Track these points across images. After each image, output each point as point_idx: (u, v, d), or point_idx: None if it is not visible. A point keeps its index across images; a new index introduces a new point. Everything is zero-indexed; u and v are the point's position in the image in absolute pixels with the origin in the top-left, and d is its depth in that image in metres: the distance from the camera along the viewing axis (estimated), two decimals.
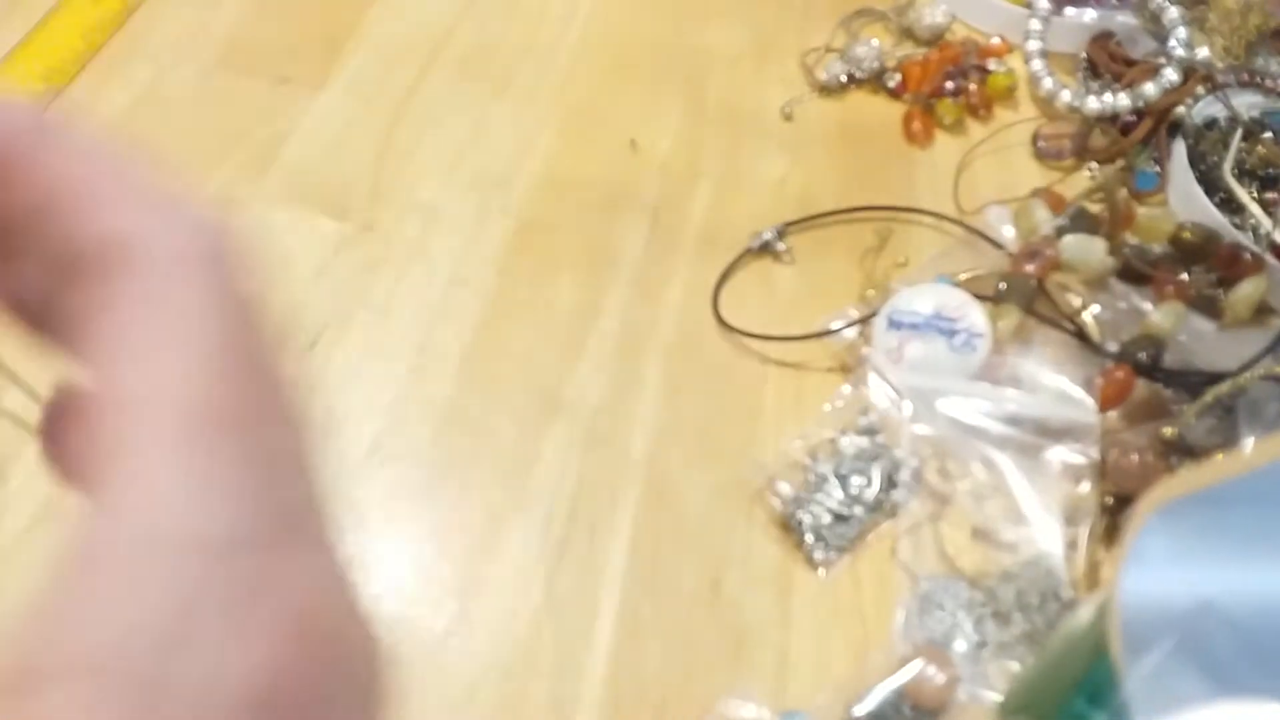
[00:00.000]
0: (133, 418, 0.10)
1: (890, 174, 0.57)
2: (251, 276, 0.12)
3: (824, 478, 0.42)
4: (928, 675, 0.36)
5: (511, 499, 0.42)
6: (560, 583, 0.39)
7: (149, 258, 0.11)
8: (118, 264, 0.11)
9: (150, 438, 0.10)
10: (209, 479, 0.10)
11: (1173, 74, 0.57)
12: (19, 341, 0.13)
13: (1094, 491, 0.41)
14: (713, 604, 0.39)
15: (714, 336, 0.48)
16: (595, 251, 0.51)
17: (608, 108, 0.59)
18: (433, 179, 0.54)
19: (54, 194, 0.11)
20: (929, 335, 0.44)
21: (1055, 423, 0.43)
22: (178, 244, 0.12)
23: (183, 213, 0.12)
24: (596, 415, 0.45)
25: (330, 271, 0.49)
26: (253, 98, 0.57)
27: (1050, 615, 0.39)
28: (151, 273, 0.11)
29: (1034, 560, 0.40)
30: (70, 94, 0.57)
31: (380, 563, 0.39)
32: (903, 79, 0.61)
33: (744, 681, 0.37)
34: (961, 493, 0.41)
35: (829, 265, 0.52)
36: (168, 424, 0.10)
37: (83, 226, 0.11)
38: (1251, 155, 0.53)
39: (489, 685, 0.37)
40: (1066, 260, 0.46)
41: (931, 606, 0.39)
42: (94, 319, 0.11)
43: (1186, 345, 0.46)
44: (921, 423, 0.43)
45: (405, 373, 0.46)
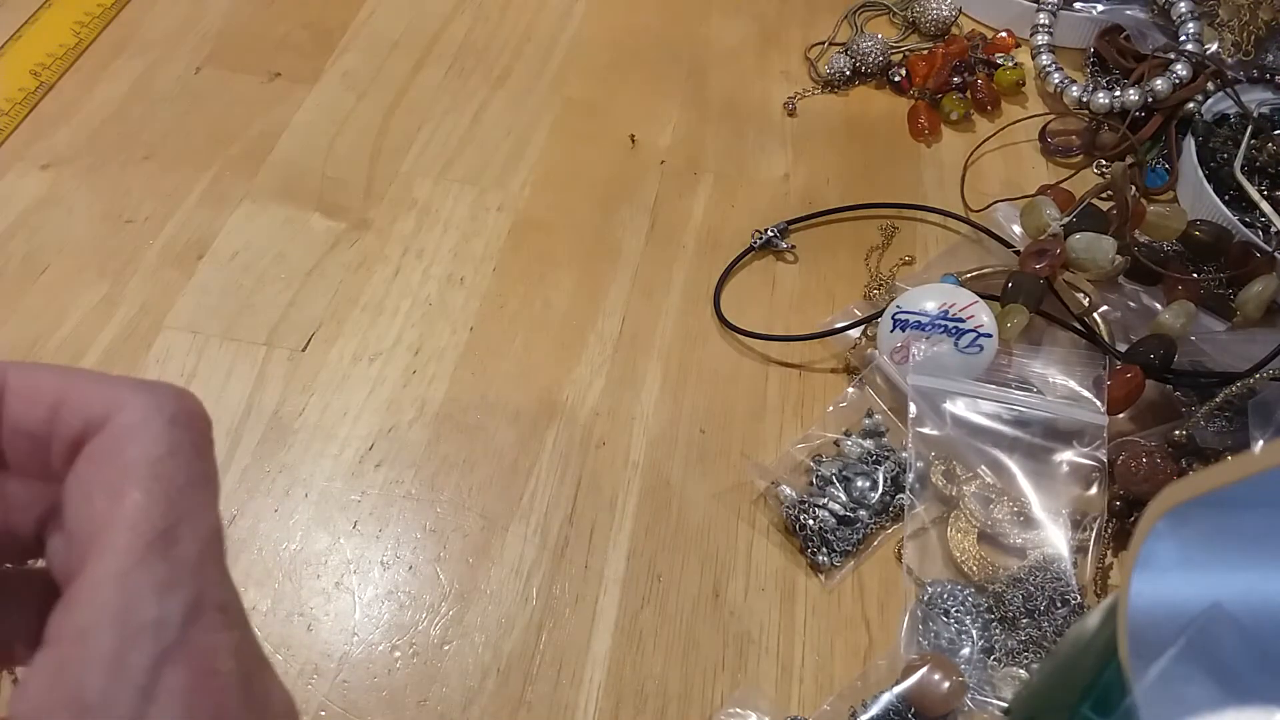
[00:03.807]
0: (101, 537, 0.15)
1: (895, 170, 0.56)
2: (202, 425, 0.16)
3: (827, 480, 0.41)
4: (933, 682, 0.35)
5: (509, 502, 0.41)
6: (559, 588, 0.39)
7: (120, 425, 0.15)
8: (99, 433, 0.15)
9: (113, 549, 0.14)
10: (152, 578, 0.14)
11: (1182, 69, 0.56)
12: None
13: (1103, 494, 0.41)
14: (714, 609, 0.38)
15: (715, 336, 0.47)
16: (594, 249, 0.50)
17: (606, 103, 0.58)
18: (427, 176, 0.53)
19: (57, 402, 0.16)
20: (935, 335, 0.43)
21: (1064, 424, 0.42)
22: (141, 413, 0.16)
23: (146, 390, 0.16)
24: (595, 417, 0.44)
25: (323, 270, 0.49)
26: (244, 93, 0.57)
27: (1058, 620, 0.38)
28: (120, 435, 0.15)
29: (1042, 564, 0.39)
30: (60, 89, 0.56)
31: (376, 567, 0.39)
32: (908, 73, 0.60)
33: (746, 688, 0.36)
34: (968, 496, 0.41)
35: (832, 264, 0.51)
36: (127, 542, 0.15)
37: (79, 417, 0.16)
38: (1262, 152, 0.52)
39: (486, 692, 0.36)
40: (1075, 259, 0.45)
41: (937, 612, 0.38)
42: (76, 472, 0.16)
43: (1196, 345, 0.45)
44: (927, 424, 0.42)
45: (401, 373, 0.45)
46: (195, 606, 0.15)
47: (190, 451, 0.16)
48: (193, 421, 0.16)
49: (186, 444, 0.16)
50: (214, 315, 0.46)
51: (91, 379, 0.16)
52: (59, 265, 0.48)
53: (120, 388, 0.16)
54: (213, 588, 0.15)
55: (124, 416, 0.15)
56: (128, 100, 0.56)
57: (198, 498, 0.16)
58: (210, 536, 0.15)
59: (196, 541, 0.15)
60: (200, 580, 0.15)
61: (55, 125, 0.54)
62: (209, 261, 0.48)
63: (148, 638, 0.14)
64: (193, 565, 0.15)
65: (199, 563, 0.15)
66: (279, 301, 0.47)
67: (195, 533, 0.15)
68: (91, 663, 0.14)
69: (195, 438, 0.16)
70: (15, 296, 0.46)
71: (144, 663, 0.14)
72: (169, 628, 0.14)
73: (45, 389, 0.16)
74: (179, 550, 0.15)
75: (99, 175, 0.52)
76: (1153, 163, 0.56)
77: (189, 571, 0.15)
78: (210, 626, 0.15)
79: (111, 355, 0.44)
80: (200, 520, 0.15)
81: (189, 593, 0.15)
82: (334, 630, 0.37)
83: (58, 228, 0.49)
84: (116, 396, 0.16)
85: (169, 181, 0.52)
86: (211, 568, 0.15)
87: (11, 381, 0.16)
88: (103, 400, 0.16)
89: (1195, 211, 0.52)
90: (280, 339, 0.46)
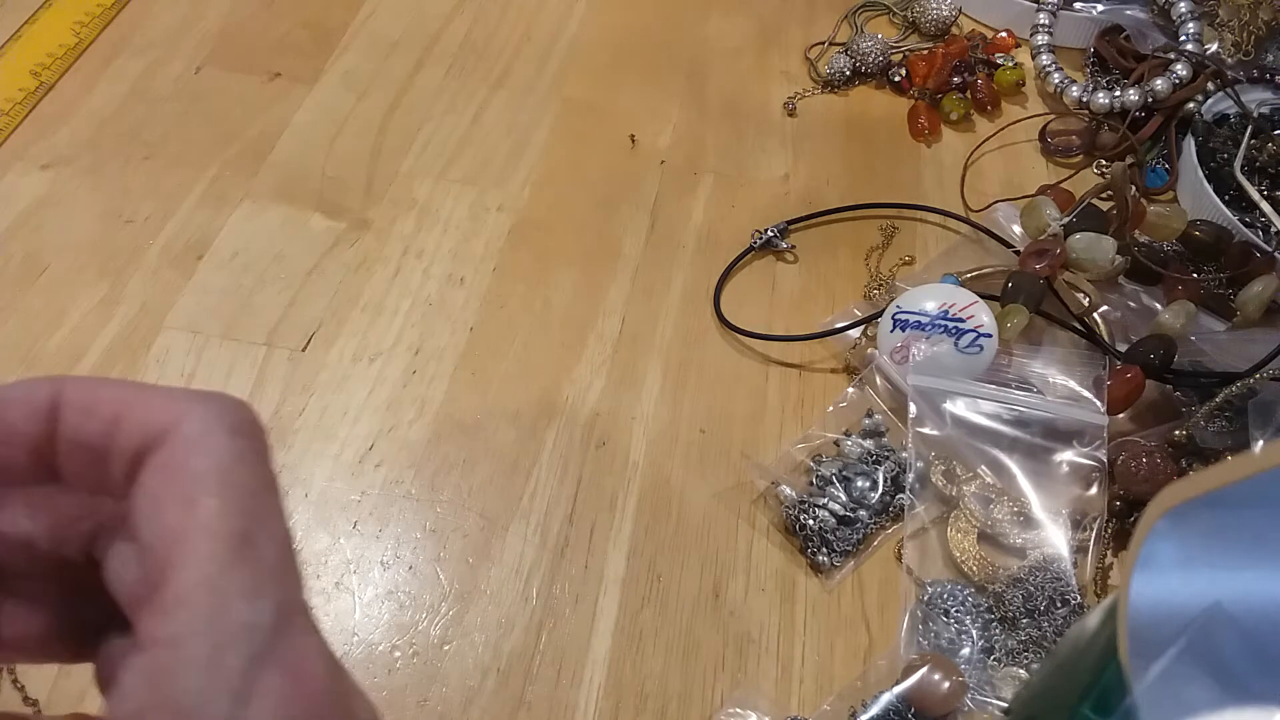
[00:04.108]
0: (181, 546, 0.15)
1: (895, 170, 0.56)
2: (261, 435, 0.16)
3: (827, 480, 0.41)
4: (933, 682, 0.35)
5: (509, 502, 0.41)
6: (559, 588, 0.39)
7: (187, 434, 0.16)
8: (166, 443, 0.16)
9: (196, 556, 0.15)
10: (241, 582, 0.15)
11: (1182, 69, 0.56)
12: None
13: (1103, 494, 0.41)
14: (714, 609, 0.38)
15: (715, 336, 0.47)
16: (594, 249, 0.50)
17: (606, 103, 0.58)
18: (427, 176, 0.53)
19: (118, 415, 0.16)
20: (935, 335, 0.43)
21: (1064, 424, 0.42)
22: (203, 424, 0.16)
23: (205, 401, 0.16)
24: (595, 417, 0.44)
25: (323, 270, 0.49)
26: (244, 93, 0.57)
27: (1058, 620, 0.38)
28: (186, 445, 0.16)
29: (1042, 564, 0.39)
30: (60, 89, 0.56)
31: (376, 567, 0.39)
32: (908, 73, 0.60)
33: (746, 688, 0.36)
34: (968, 496, 0.41)
35: (832, 264, 0.51)
36: (213, 547, 0.15)
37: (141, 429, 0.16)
38: (1262, 152, 0.52)
39: (486, 692, 0.36)
40: (1075, 259, 0.45)
41: (937, 612, 0.38)
42: (143, 484, 0.16)
43: (1196, 345, 0.45)
44: (927, 424, 0.42)
45: (401, 373, 0.45)
46: (283, 610, 0.15)
47: (255, 459, 0.16)
48: (253, 430, 0.16)
49: (250, 452, 0.16)
50: (214, 315, 0.46)
51: (150, 391, 0.16)
52: (59, 265, 0.48)
53: (179, 400, 0.16)
54: (296, 591, 0.16)
55: (186, 428, 0.16)
56: (128, 100, 0.56)
57: (269, 503, 0.16)
58: (285, 541, 0.16)
59: (274, 545, 0.15)
60: (284, 584, 0.15)
61: (55, 125, 0.54)
62: (209, 261, 0.48)
63: (241, 641, 0.14)
64: (275, 569, 0.15)
65: (280, 567, 0.15)
66: (279, 301, 0.47)
67: (272, 538, 0.15)
68: (187, 667, 0.14)
69: (257, 446, 0.16)
70: (15, 296, 0.46)
71: (239, 665, 0.14)
72: (261, 631, 0.14)
73: (104, 402, 0.16)
74: (260, 555, 0.15)
75: (99, 175, 0.52)
76: (1153, 163, 0.56)
77: (272, 576, 0.15)
78: (299, 629, 0.15)
79: (111, 355, 0.44)
80: (274, 525, 0.16)
81: (275, 597, 0.15)
82: (334, 630, 0.37)
83: (58, 228, 0.49)
84: (176, 408, 0.16)
85: (169, 181, 0.52)
86: (290, 573, 0.16)
87: (69, 394, 0.16)
88: (163, 413, 0.16)
89: (1195, 211, 0.52)
90: (280, 339, 0.46)
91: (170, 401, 0.16)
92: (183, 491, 0.15)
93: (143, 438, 0.16)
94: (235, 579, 0.15)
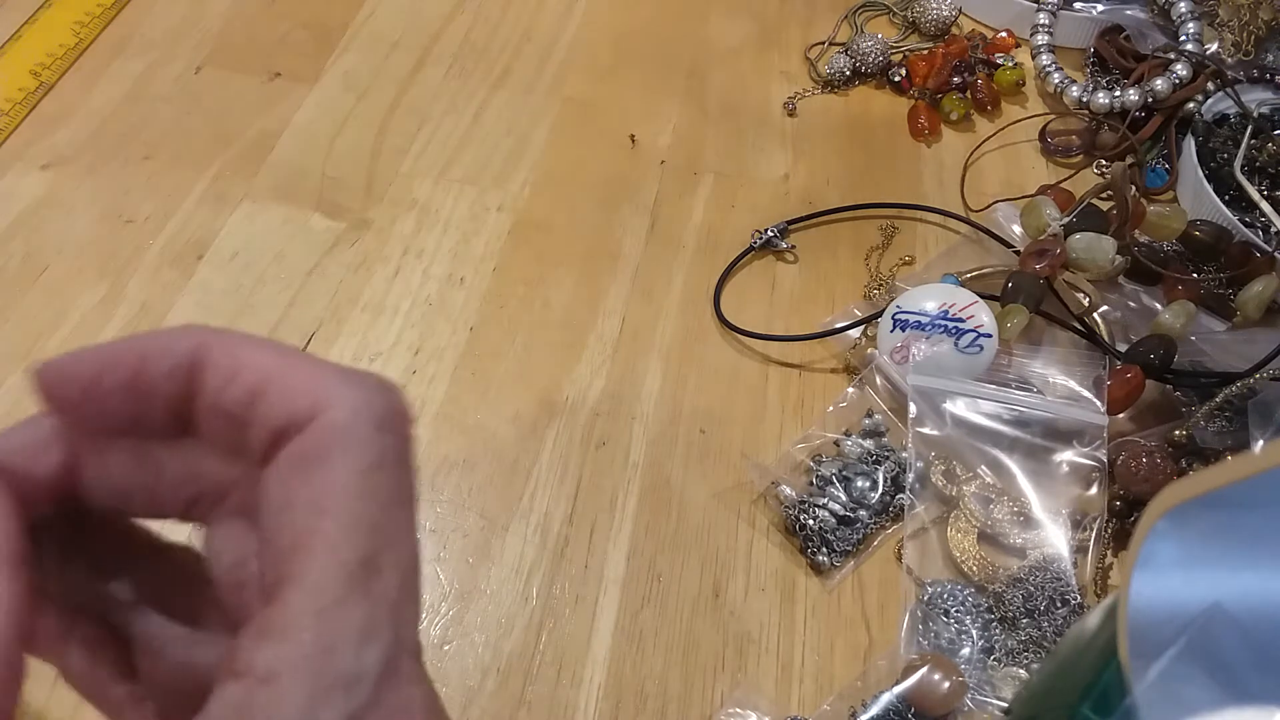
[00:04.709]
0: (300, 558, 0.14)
1: (895, 170, 0.56)
2: (408, 428, 0.15)
3: (827, 480, 0.41)
4: (933, 682, 0.35)
5: (509, 502, 0.41)
6: (559, 588, 0.39)
7: (335, 425, 0.14)
8: (311, 430, 0.14)
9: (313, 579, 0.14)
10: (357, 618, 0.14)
11: (1182, 69, 0.56)
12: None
13: (1103, 494, 0.41)
14: (714, 609, 0.38)
15: (715, 336, 0.47)
16: (594, 249, 0.50)
17: (606, 102, 0.58)
18: (427, 176, 0.53)
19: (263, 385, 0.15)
20: (935, 335, 0.43)
21: (1064, 424, 0.42)
22: (349, 413, 0.15)
23: (354, 385, 0.15)
24: (595, 417, 0.44)
25: (323, 270, 0.49)
26: (244, 93, 0.57)
27: (1058, 620, 0.38)
28: (329, 437, 0.14)
29: (1042, 564, 0.39)
30: (60, 89, 0.56)
31: None
32: (908, 73, 0.60)
33: (746, 688, 0.36)
34: (968, 496, 0.41)
35: (833, 264, 0.51)
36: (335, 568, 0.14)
37: (285, 405, 0.15)
38: (1262, 152, 0.52)
39: (486, 692, 0.36)
40: (1075, 259, 0.45)
41: (937, 612, 0.38)
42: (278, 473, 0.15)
43: (1196, 345, 0.45)
44: (927, 424, 0.42)
45: (401, 373, 0.45)
46: (392, 658, 0.14)
47: (396, 462, 0.15)
48: (400, 425, 0.15)
49: (393, 453, 0.15)
50: (214, 315, 0.46)
51: (299, 363, 0.15)
52: (59, 265, 0.48)
53: (328, 379, 0.15)
54: (409, 630, 0.15)
55: (332, 415, 0.14)
56: (128, 100, 0.56)
57: (401, 518, 0.15)
58: (411, 565, 0.15)
59: (398, 572, 0.14)
60: (398, 623, 0.14)
61: (55, 125, 0.54)
62: (209, 261, 0.48)
63: (340, 695, 0.13)
64: (392, 603, 0.14)
65: (399, 600, 0.14)
66: (279, 301, 0.47)
67: (398, 562, 0.14)
68: (279, 711, 0.13)
69: (401, 444, 0.15)
70: (15, 296, 0.46)
71: (340, 714, 0.13)
72: (364, 684, 0.13)
73: (248, 369, 0.15)
74: (380, 585, 0.14)
75: (99, 175, 0.52)
76: (1153, 163, 0.56)
77: (388, 612, 0.14)
78: (405, 679, 0.14)
79: None
80: (403, 546, 0.15)
81: (387, 640, 0.14)
82: None
83: (58, 228, 0.49)
84: (324, 390, 0.15)
85: (169, 181, 0.52)
86: (409, 605, 0.15)
87: (214, 355, 0.15)
88: (309, 392, 0.15)
89: (1195, 211, 0.52)
90: (280, 339, 0.46)
91: (317, 379, 0.15)
92: (316, 494, 0.14)
93: (286, 416, 0.15)
94: (348, 617, 0.13)
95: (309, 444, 0.14)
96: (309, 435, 0.14)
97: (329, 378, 0.15)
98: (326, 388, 0.15)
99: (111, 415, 0.15)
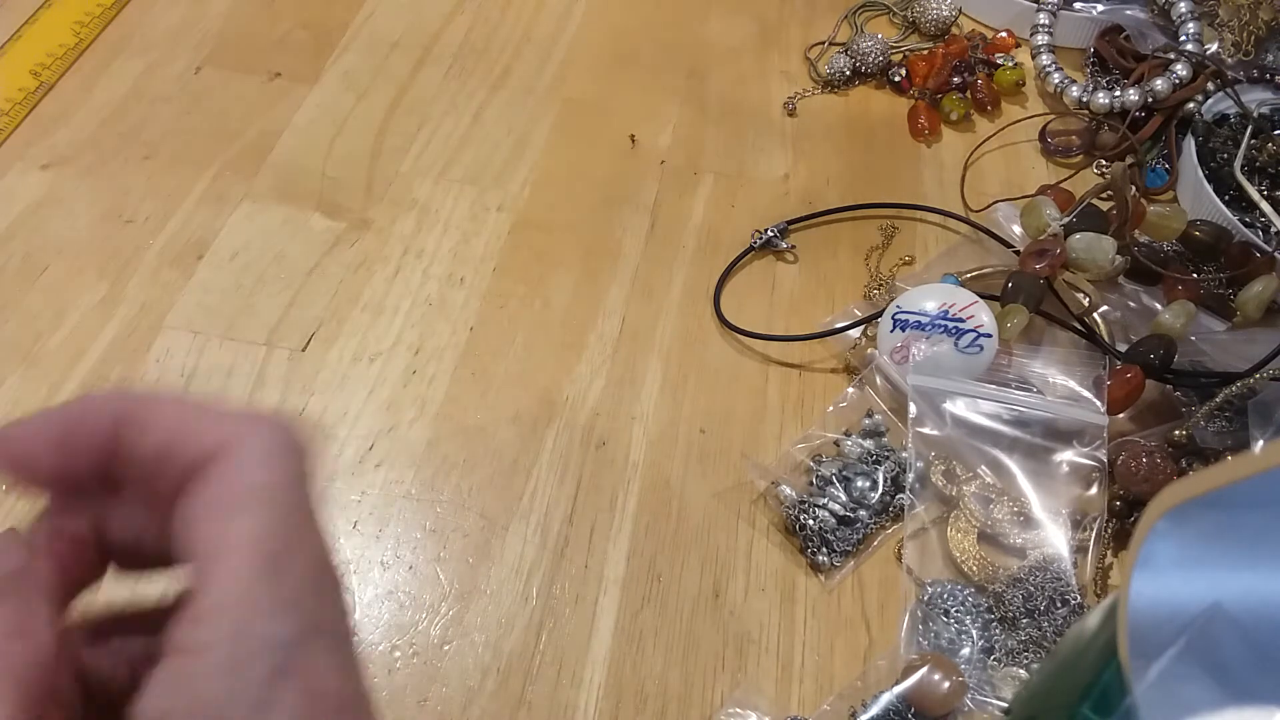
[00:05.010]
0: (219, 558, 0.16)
1: (895, 170, 0.56)
2: (304, 455, 0.17)
3: (827, 480, 0.41)
4: (933, 682, 0.35)
5: (509, 502, 0.41)
6: (559, 588, 0.39)
7: (237, 454, 0.17)
8: (216, 461, 0.16)
9: (231, 570, 0.16)
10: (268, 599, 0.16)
11: (1182, 69, 0.56)
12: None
13: (1103, 494, 0.41)
14: (714, 609, 0.38)
15: (715, 336, 0.47)
16: (594, 249, 0.50)
17: (606, 102, 0.58)
18: (427, 176, 0.53)
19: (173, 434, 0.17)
20: (935, 335, 0.43)
21: (1064, 424, 0.42)
22: (258, 443, 0.17)
23: (256, 423, 0.17)
24: (595, 417, 0.44)
25: (323, 270, 0.49)
26: (244, 93, 0.57)
27: (1058, 620, 0.38)
28: (239, 463, 0.16)
29: (1042, 564, 0.39)
30: (60, 89, 0.56)
31: (376, 567, 0.39)
32: (908, 73, 0.60)
33: (746, 688, 0.36)
34: (968, 496, 0.41)
35: (832, 264, 0.51)
36: (246, 563, 0.16)
37: (194, 447, 0.17)
38: (1262, 152, 0.52)
39: (486, 692, 0.36)
40: (1075, 259, 0.45)
41: (937, 612, 0.38)
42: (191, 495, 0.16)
43: (1196, 345, 0.45)
44: (927, 424, 0.42)
45: (401, 373, 0.45)
46: (307, 629, 0.16)
47: (297, 482, 0.17)
48: (296, 451, 0.17)
49: (291, 473, 0.17)
50: (214, 315, 0.46)
51: (206, 410, 0.17)
52: (59, 265, 0.48)
53: (233, 421, 0.17)
54: (323, 613, 0.16)
55: (236, 448, 0.17)
56: (128, 100, 0.56)
57: (306, 525, 0.17)
58: (317, 562, 0.17)
59: (305, 567, 0.16)
60: (311, 604, 0.16)
61: (55, 125, 0.54)
62: (209, 261, 0.48)
63: (264, 653, 0.15)
64: (303, 590, 0.16)
65: (309, 588, 0.16)
66: (279, 301, 0.47)
67: (305, 559, 0.16)
68: (213, 672, 0.15)
69: (297, 466, 0.17)
70: (15, 296, 0.46)
71: (261, 676, 0.15)
72: (283, 647, 0.15)
73: (161, 419, 0.17)
74: (290, 575, 0.16)
75: (99, 175, 0.52)
76: (1153, 163, 0.56)
77: (300, 595, 0.16)
78: (323, 649, 0.16)
79: (111, 355, 0.44)
80: (309, 548, 0.16)
81: (301, 615, 0.16)
82: None
83: (58, 228, 0.49)
84: (229, 429, 0.17)
85: (169, 181, 0.52)
86: (321, 595, 0.16)
87: (130, 411, 0.17)
88: (215, 432, 0.17)
89: (1195, 211, 0.52)
90: (280, 339, 0.46)
91: (223, 421, 0.17)
92: (226, 506, 0.16)
93: (197, 454, 0.17)
94: (264, 594, 0.15)
95: (217, 472, 0.16)
96: (217, 465, 0.16)
97: (233, 420, 0.17)
98: (231, 427, 0.17)
99: (45, 475, 0.17)
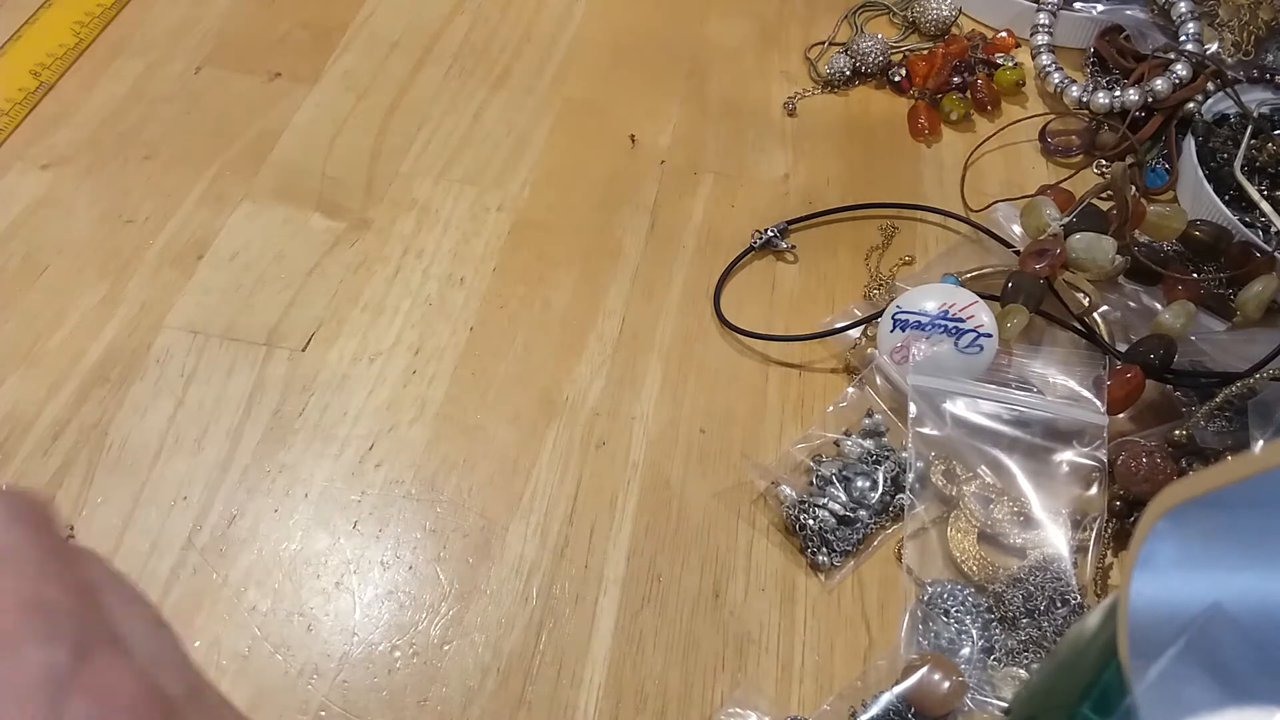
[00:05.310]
0: None
1: (895, 170, 0.56)
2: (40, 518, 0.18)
3: (827, 480, 0.41)
4: (933, 682, 0.35)
5: (509, 502, 0.41)
6: (559, 588, 0.39)
7: None
8: None
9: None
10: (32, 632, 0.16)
11: (1182, 69, 0.56)
12: None
13: (1103, 494, 0.41)
14: (714, 609, 0.38)
15: (715, 336, 0.47)
16: (594, 249, 0.50)
17: (606, 103, 0.58)
18: (427, 176, 0.53)
19: None
20: (935, 335, 0.43)
21: (1064, 424, 0.42)
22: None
23: None
24: (595, 417, 0.44)
25: (323, 270, 0.49)
26: (244, 93, 0.57)
27: (1058, 620, 0.38)
28: None
29: (1042, 564, 0.39)
30: (60, 89, 0.56)
31: (376, 567, 0.39)
32: (908, 73, 0.60)
33: (746, 688, 0.36)
34: (968, 496, 0.41)
35: (832, 264, 0.51)
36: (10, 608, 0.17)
37: None
38: (1262, 152, 0.52)
39: (486, 692, 0.36)
40: (1075, 259, 0.45)
41: (937, 612, 0.38)
42: None
43: (1196, 345, 0.45)
44: (927, 424, 0.42)
45: (401, 373, 0.45)
46: (83, 644, 0.17)
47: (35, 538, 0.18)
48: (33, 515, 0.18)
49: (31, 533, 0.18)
50: (214, 315, 0.46)
51: None
52: (59, 265, 0.48)
53: None
54: (101, 629, 0.17)
55: None
56: (128, 100, 0.56)
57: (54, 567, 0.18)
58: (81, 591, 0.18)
59: (67, 597, 0.17)
60: (80, 625, 0.17)
61: (55, 125, 0.54)
62: (209, 261, 0.48)
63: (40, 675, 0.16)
64: (68, 616, 0.17)
65: (75, 612, 0.17)
66: (279, 301, 0.47)
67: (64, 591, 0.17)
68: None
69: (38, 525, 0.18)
70: (15, 296, 0.46)
71: (44, 696, 0.16)
72: (59, 666, 0.16)
73: None
74: (52, 606, 0.17)
75: (99, 175, 0.52)
76: (1153, 163, 0.56)
77: (66, 621, 0.17)
78: (107, 656, 0.17)
79: (111, 355, 0.44)
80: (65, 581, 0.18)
81: (72, 636, 0.17)
82: (334, 630, 0.37)
83: (58, 228, 0.49)
84: None
85: (169, 181, 0.52)
86: (91, 614, 0.18)
87: None
88: None
89: (1195, 211, 0.52)
90: (280, 339, 0.46)
91: None
92: None
93: None
94: (28, 628, 0.16)
95: None
96: None
97: None
98: None
99: None
